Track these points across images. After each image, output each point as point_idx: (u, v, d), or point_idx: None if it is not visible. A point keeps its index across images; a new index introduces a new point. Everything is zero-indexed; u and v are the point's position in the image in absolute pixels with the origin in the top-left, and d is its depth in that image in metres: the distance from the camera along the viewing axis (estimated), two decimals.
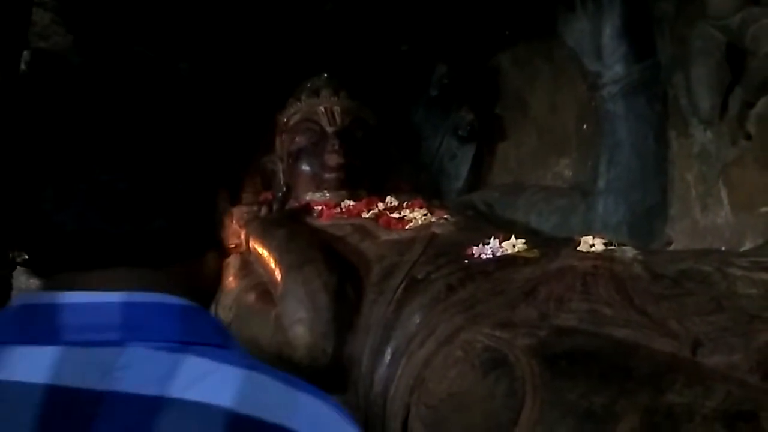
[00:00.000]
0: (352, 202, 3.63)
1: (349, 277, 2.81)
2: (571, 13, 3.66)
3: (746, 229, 3.16)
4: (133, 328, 0.54)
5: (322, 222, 3.48)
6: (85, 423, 0.51)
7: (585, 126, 3.87)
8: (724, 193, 3.30)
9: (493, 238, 2.85)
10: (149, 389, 0.51)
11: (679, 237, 3.45)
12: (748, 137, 3.13)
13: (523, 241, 2.85)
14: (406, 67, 4.37)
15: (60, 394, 0.51)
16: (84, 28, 3.44)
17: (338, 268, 2.82)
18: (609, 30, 3.53)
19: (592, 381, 1.79)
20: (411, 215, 3.32)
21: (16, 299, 0.57)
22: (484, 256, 2.78)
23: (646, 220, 3.51)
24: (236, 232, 3.30)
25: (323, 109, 3.91)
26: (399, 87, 4.39)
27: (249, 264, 3.21)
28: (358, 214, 3.48)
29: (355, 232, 3.28)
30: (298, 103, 4.00)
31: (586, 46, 3.64)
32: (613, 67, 3.53)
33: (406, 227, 3.20)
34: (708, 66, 3.30)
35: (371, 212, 3.48)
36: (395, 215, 3.37)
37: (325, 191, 3.77)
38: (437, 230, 3.10)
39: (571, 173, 4.08)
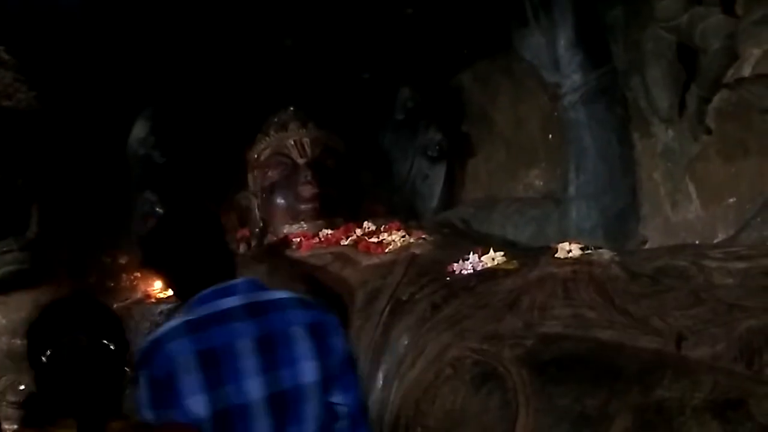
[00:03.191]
0: (330, 231, 3.64)
1: (334, 305, 2.81)
2: (524, 27, 3.74)
3: (717, 221, 3.23)
4: (250, 287, 1.58)
5: (302, 253, 3.49)
6: (263, 311, 1.55)
7: (550, 136, 3.94)
8: (691, 189, 3.37)
9: (472, 253, 2.88)
10: (274, 296, 1.60)
11: (652, 235, 3.51)
12: (709, 132, 3.20)
13: (502, 253, 2.88)
14: (370, 93, 4.43)
15: (249, 305, 1.54)
16: (45, 84, 3.44)
17: (322, 298, 2.82)
18: (563, 41, 3.61)
19: (582, 385, 1.81)
20: (389, 238, 3.34)
21: (209, 289, 1.54)
22: (465, 272, 2.81)
23: (619, 222, 3.57)
24: None
25: (293, 142, 3.93)
26: (365, 113, 4.44)
27: None
28: (337, 242, 3.49)
29: (335, 260, 3.29)
30: (267, 138, 4.02)
31: (542, 59, 3.72)
32: (571, 76, 3.61)
33: (386, 250, 3.22)
34: (662, 67, 3.40)
35: (350, 239, 3.49)
36: (374, 240, 3.38)
37: (302, 222, 3.77)
38: (417, 251, 3.12)
39: (541, 183, 4.15)
